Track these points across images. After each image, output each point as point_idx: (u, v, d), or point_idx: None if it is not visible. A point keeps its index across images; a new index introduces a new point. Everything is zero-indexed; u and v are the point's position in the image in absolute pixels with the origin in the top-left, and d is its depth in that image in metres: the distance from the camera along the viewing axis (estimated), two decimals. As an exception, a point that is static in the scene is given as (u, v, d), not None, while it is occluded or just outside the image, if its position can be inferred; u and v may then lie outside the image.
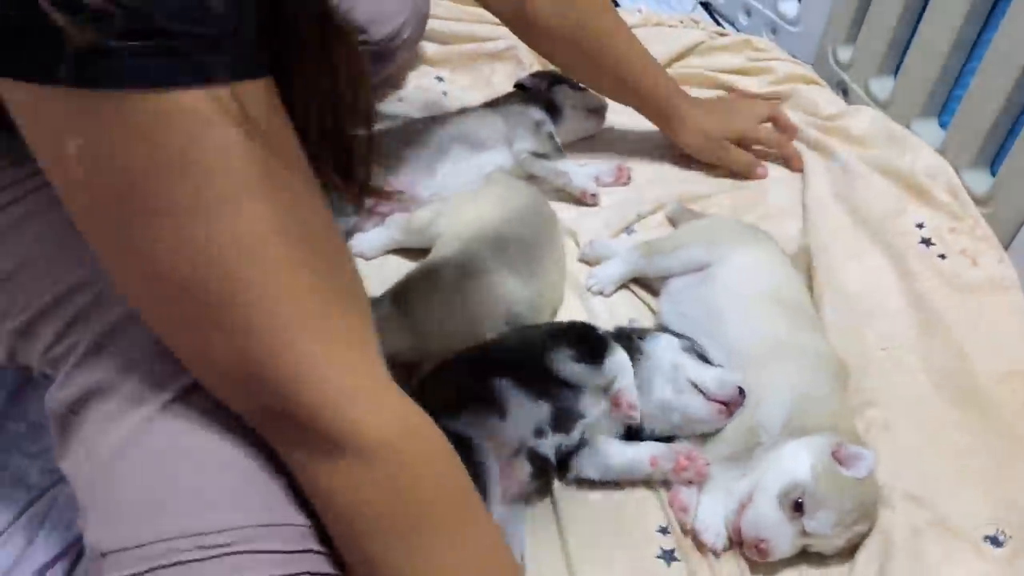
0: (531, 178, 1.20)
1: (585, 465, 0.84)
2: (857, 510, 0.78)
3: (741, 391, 0.82)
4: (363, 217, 1.12)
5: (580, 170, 1.20)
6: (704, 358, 0.87)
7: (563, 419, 0.83)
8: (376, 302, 0.90)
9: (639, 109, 1.23)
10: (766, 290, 0.94)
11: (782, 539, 0.77)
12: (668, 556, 0.81)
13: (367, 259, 1.10)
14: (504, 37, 1.49)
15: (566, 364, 0.83)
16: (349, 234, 1.12)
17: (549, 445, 0.83)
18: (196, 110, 0.44)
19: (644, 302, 1.06)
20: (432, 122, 1.21)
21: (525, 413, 0.81)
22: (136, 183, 0.45)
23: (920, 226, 1.10)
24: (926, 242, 1.08)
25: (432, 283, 0.94)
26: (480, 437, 0.77)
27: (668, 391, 0.84)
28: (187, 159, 0.45)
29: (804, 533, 0.77)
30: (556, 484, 0.86)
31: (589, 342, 0.85)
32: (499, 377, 0.82)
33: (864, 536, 0.80)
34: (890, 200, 1.14)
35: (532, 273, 0.98)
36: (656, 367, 0.85)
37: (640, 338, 0.88)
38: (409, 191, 1.14)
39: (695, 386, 0.83)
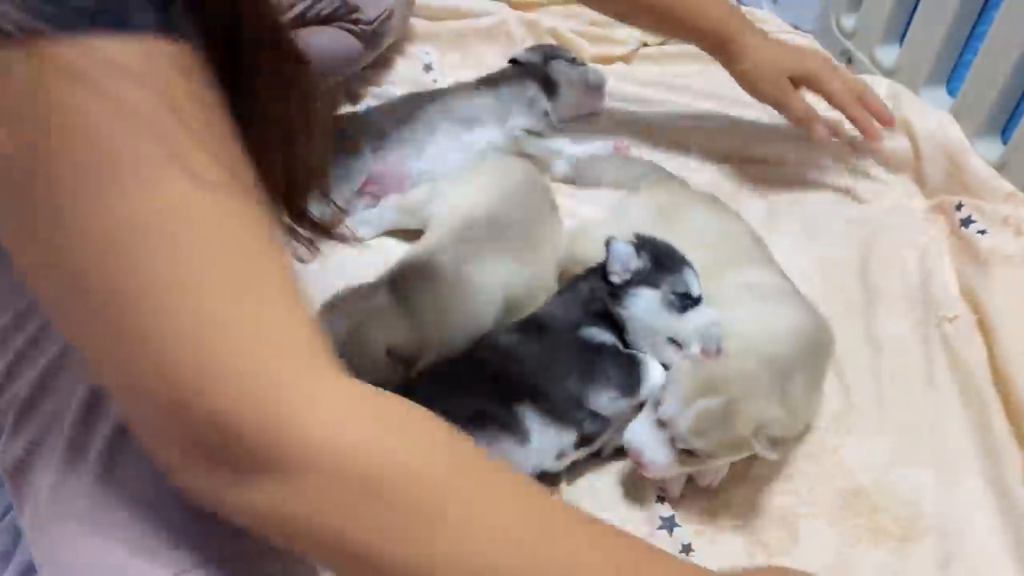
0: (525, 157, 1.15)
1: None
2: (703, 384, 0.72)
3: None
4: (355, 199, 1.07)
5: (576, 149, 1.16)
6: (687, 295, 0.82)
7: (588, 440, 0.79)
8: (371, 291, 0.85)
9: (689, 34, 1.09)
10: None
11: (656, 450, 0.74)
12: (669, 523, 0.79)
13: (362, 241, 1.06)
14: (495, 12, 1.45)
15: (605, 402, 0.78)
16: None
17: (567, 463, 0.79)
18: (108, 62, 0.37)
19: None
20: (421, 98, 1.16)
21: (548, 441, 0.77)
22: (35, 147, 0.38)
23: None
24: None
25: (430, 271, 0.88)
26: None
27: (653, 350, 0.82)
28: (90, 120, 0.38)
29: (674, 443, 0.73)
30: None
31: (626, 372, 0.79)
32: (523, 404, 0.76)
33: (737, 440, 0.72)
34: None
35: (530, 255, 0.94)
36: (637, 330, 0.82)
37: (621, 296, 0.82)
38: (397, 171, 1.09)
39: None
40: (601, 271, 0.83)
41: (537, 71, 1.20)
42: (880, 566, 0.76)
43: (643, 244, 0.83)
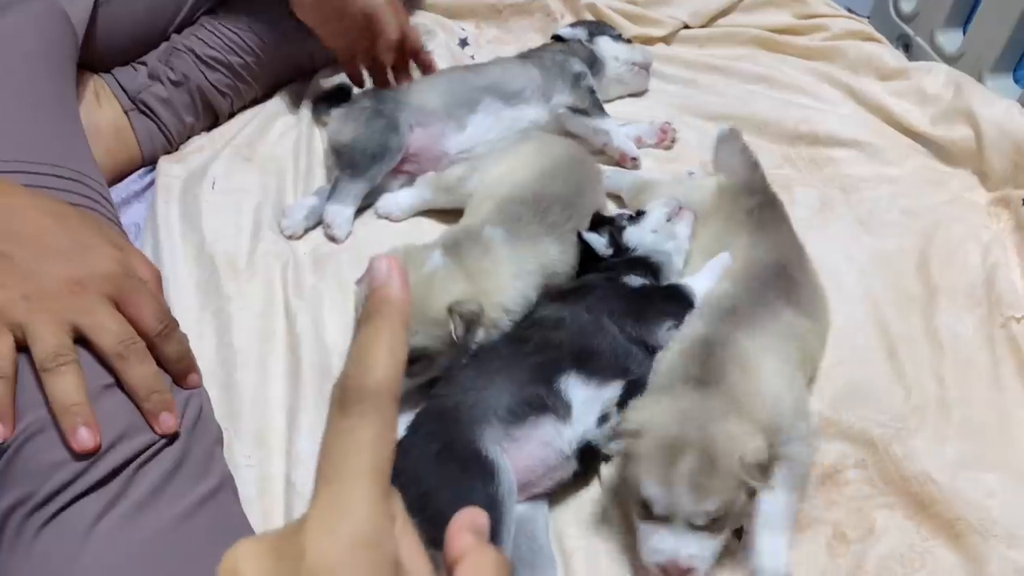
0: (569, 135, 1.10)
1: None
2: (670, 451, 0.66)
3: None
4: (390, 177, 1.02)
5: (621, 129, 1.10)
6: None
7: (636, 389, 0.75)
8: (425, 255, 0.82)
9: None
10: None
11: (687, 546, 0.66)
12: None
13: (396, 221, 1.01)
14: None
15: (663, 333, 0.80)
16: (377, 192, 1.02)
17: (608, 430, 0.75)
18: None
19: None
20: (463, 71, 1.11)
21: (591, 405, 0.75)
22: None
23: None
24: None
25: (482, 241, 0.85)
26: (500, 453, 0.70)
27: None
28: None
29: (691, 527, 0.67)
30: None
31: (675, 299, 0.83)
32: (565, 375, 0.75)
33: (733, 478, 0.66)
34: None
35: (571, 235, 0.90)
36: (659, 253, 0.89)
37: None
38: (435, 148, 1.04)
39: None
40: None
41: (582, 48, 1.15)
42: (955, 565, 0.72)
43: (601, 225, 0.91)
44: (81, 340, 0.60)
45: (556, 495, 0.76)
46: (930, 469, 0.76)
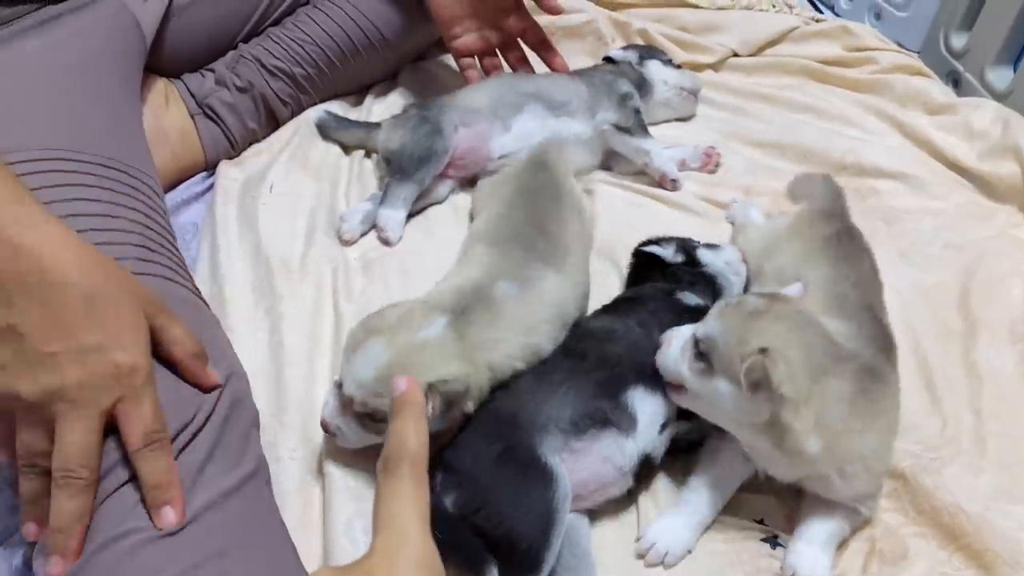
0: (611, 154, 1.13)
1: None
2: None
3: None
4: (437, 180, 1.06)
5: (664, 151, 1.12)
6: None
7: None
8: (427, 315, 0.75)
9: None
10: None
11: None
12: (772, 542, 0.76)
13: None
14: (584, 10, 1.43)
15: None
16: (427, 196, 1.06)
17: (668, 438, 0.77)
18: None
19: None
20: (511, 77, 1.14)
21: (654, 416, 0.75)
22: None
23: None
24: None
25: (493, 310, 0.79)
26: (559, 463, 0.71)
27: None
28: None
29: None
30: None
31: None
32: (631, 389, 0.75)
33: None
34: None
35: (565, 262, 0.87)
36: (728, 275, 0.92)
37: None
38: (482, 147, 1.07)
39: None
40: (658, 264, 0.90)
41: (632, 70, 1.17)
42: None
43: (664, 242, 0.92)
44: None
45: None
46: (961, 500, 0.77)
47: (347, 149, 1.14)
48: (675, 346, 0.73)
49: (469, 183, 1.09)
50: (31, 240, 0.56)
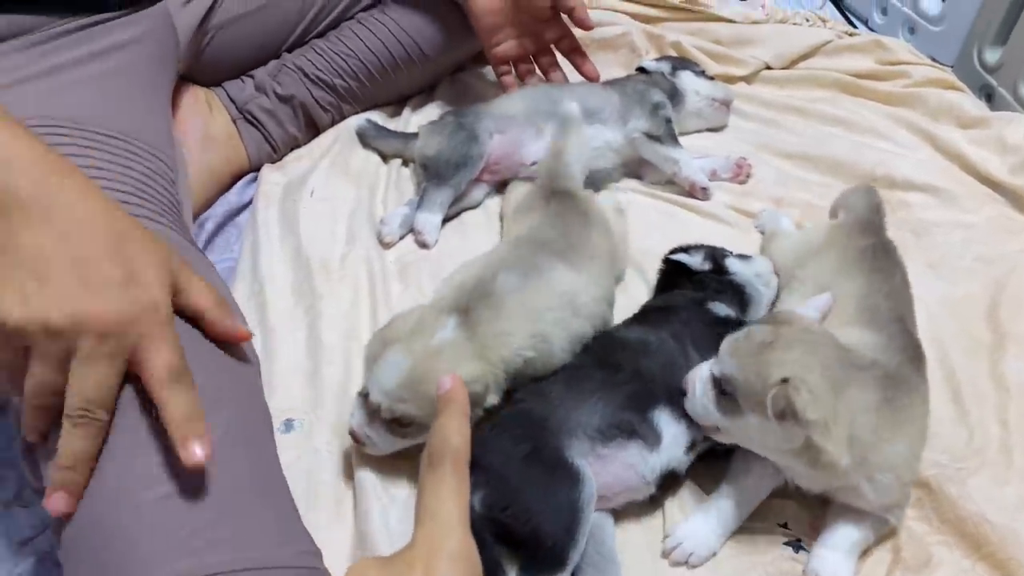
0: (642, 163, 1.15)
1: None
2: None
3: None
4: (472, 185, 1.09)
5: (693, 161, 1.14)
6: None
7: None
8: (434, 322, 0.78)
9: None
10: None
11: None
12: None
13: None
14: (618, 23, 1.45)
15: None
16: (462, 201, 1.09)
17: (694, 456, 0.78)
18: None
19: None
20: (545, 85, 1.17)
21: (681, 435, 0.77)
22: None
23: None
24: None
25: (495, 302, 0.80)
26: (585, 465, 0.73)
27: None
28: None
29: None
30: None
31: None
32: (659, 406, 0.77)
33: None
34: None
35: (581, 261, 0.88)
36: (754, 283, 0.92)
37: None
38: (516, 153, 1.10)
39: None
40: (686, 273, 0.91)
41: (664, 80, 1.19)
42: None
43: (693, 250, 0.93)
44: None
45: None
46: (986, 510, 0.77)
47: (385, 157, 1.18)
48: (698, 390, 0.74)
49: (503, 187, 1.11)
50: (55, 183, 0.58)
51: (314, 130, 1.18)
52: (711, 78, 1.22)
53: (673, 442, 0.76)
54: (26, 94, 0.77)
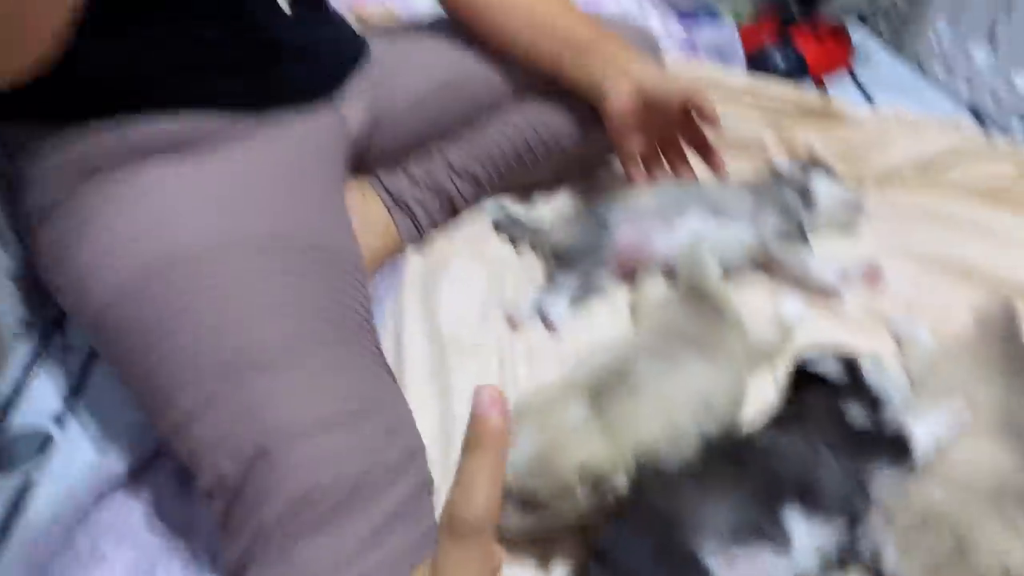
0: (772, 262, 1.16)
1: None
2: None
3: None
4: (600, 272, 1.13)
5: (823, 265, 1.14)
6: None
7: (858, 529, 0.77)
8: (568, 401, 0.81)
9: (558, 66, 1.16)
10: None
11: None
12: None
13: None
14: (749, 121, 1.48)
15: (881, 481, 0.78)
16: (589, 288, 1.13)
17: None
18: None
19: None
20: (678, 182, 1.21)
21: (812, 540, 0.75)
22: None
23: None
24: None
25: (631, 387, 0.83)
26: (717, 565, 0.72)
27: None
28: None
29: None
30: None
31: (896, 444, 0.80)
32: (789, 506, 0.75)
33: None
34: None
35: (718, 357, 0.90)
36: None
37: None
38: (645, 244, 1.13)
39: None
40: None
41: (796, 181, 1.21)
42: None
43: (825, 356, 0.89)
44: None
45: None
46: None
47: (517, 243, 1.24)
48: None
49: (631, 278, 1.15)
50: None
51: (453, 214, 1.26)
52: (842, 181, 1.23)
53: (804, 544, 0.74)
54: None
